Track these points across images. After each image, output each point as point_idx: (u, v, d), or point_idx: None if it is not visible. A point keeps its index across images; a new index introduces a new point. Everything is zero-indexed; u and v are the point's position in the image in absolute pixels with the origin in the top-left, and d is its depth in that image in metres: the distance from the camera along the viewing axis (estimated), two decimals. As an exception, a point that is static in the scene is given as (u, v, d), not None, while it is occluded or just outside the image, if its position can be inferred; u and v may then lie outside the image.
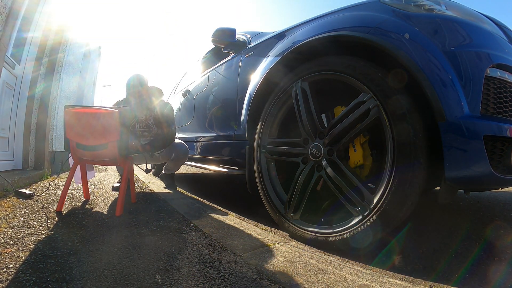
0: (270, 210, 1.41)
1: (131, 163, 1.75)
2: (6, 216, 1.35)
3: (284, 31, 1.61)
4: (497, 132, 0.86)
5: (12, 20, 2.08)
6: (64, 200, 1.55)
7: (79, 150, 1.58)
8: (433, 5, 1.06)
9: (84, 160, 1.68)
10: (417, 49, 0.95)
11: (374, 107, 1.03)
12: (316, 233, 1.15)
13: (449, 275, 0.91)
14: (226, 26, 2.08)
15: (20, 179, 2.09)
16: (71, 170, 1.63)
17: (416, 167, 0.93)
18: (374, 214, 0.98)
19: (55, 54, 3.09)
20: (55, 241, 1.07)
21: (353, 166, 1.21)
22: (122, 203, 1.54)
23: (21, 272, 0.80)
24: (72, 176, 1.63)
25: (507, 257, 1.03)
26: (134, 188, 1.92)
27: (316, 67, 1.26)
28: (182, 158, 2.45)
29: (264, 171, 1.48)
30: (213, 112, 2.22)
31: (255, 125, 1.56)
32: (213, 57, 3.03)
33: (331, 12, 1.34)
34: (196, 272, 0.84)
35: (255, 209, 1.77)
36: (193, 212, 1.61)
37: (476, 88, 0.89)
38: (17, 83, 2.60)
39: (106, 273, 0.83)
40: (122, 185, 1.58)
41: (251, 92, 1.63)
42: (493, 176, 0.85)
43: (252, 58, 1.78)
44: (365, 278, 0.80)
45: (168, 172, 2.61)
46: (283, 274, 0.84)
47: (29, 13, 2.57)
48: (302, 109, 1.28)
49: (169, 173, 2.61)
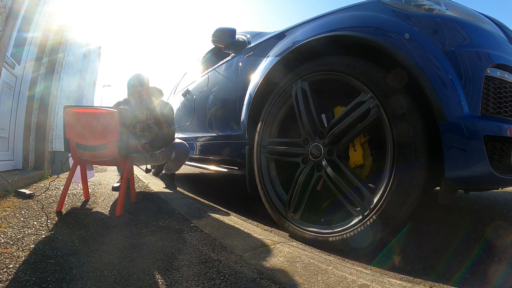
0: (270, 210, 1.41)
1: (131, 163, 1.75)
2: (6, 216, 1.35)
3: (284, 31, 1.61)
4: (497, 132, 0.86)
5: (12, 20, 2.08)
6: (64, 200, 1.55)
7: (79, 150, 1.58)
8: (433, 5, 1.06)
9: (84, 160, 1.68)
10: (417, 49, 0.95)
11: (374, 107, 1.03)
12: (316, 233, 1.15)
13: (449, 275, 0.91)
14: (226, 26, 2.08)
15: (20, 179, 2.09)
16: (71, 170, 1.63)
17: (416, 167, 0.93)
18: (374, 214, 0.98)
19: (55, 54, 3.09)
20: (55, 241, 1.07)
21: (353, 166, 1.21)
22: (122, 203, 1.54)
23: (21, 272, 0.80)
24: (72, 176, 1.63)
25: (507, 257, 1.03)
26: (134, 188, 1.92)
27: (316, 67, 1.26)
28: (183, 158, 2.45)
29: (264, 171, 1.48)
30: (213, 112, 2.22)
31: (255, 125, 1.56)
32: (213, 57, 3.03)
33: (331, 12, 1.34)
34: (196, 272, 0.84)
35: (255, 209, 1.77)
36: (193, 212, 1.60)
37: (476, 88, 0.89)
38: (17, 83, 2.60)
39: (106, 273, 0.83)
40: (122, 185, 1.58)
41: (251, 92, 1.63)
42: (493, 176, 0.85)
43: (252, 58, 1.78)
44: (365, 278, 0.80)
45: (169, 172, 2.61)
46: (283, 274, 0.84)
47: (29, 13, 2.57)
48: (302, 109, 1.28)
49: (169, 173, 2.61)
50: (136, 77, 2.19)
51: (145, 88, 2.21)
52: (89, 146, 1.55)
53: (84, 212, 1.54)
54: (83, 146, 1.56)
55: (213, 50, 3.05)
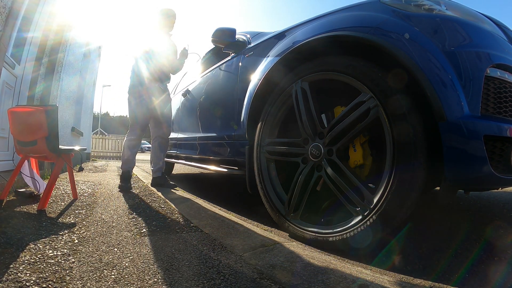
0: (270, 210, 1.41)
1: (63, 161, 1.75)
2: (6, 216, 1.35)
3: (284, 31, 1.61)
4: (497, 132, 0.86)
5: (12, 20, 2.08)
6: (48, 199, 1.61)
7: (19, 146, 1.69)
8: (433, 5, 1.06)
9: (28, 155, 1.79)
10: (417, 49, 0.95)
11: (374, 107, 1.02)
12: (316, 233, 1.15)
13: (449, 275, 0.91)
14: (226, 26, 2.08)
15: (20, 179, 2.08)
16: (18, 164, 1.76)
17: (416, 167, 0.93)
18: (374, 214, 0.98)
19: (55, 54, 3.09)
20: (55, 241, 1.07)
21: (353, 166, 1.21)
22: (47, 198, 1.58)
23: (21, 272, 0.80)
24: (19, 169, 1.76)
25: (507, 257, 1.03)
26: (74, 182, 1.95)
27: (316, 67, 1.26)
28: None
29: (264, 171, 1.48)
30: (213, 112, 2.22)
31: (255, 125, 1.56)
32: (213, 57, 3.03)
33: (331, 12, 1.34)
34: (196, 272, 0.84)
35: (255, 209, 1.77)
36: (193, 212, 1.60)
37: (476, 88, 0.89)
38: (17, 83, 2.59)
39: (106, 273, 0.83)
40: (49, 181, 1.63)
41: (251, 92, 1.63)
42: (493, 176, 0.85)
43: (252, 58, 1.78)
44: (365, 278, 0.79)
45: (157, 173, 2.60)
46: (283, 274, 0.84)
47: (29, 13, 2.57)
48: (302, 109, 1.28)
49: (158, 175, 2.59)
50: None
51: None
52: (24, 142, 1.66)
53: (84, 212, 1.54)
54: (20, 142, 1.68)
55: (213, 50, 3.05)
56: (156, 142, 2.61)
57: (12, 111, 1.69)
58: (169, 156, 3.41)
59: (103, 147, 11.43)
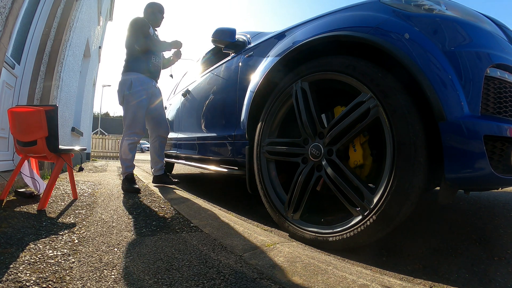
0: (270, 210, 1.41)
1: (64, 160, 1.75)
2: (6, 216, 1.35)
3: (284, 31, 1.61)
4: (497, 132, 0.86)
5: (12, 20, 2.08)
6: (48, 199, 1.61)
7: (19, 146, 1.69)
8: (433, 5, 1.06)
9: (27, 155, 1.79)
10: (417, 49, 0.95)
11: (374, 107, 1.02)
12: (316, 233, 1.15)
13: (449, 275, 0.91)
14: (226, 26, 2.08)
15: (20, 179, 2.09)
16: (18, 164, 1.76)
17: (416, 167, 0.93)
18: (374, 214, 0.98)
19: (55, 54, 3.08)
20: (55, 241, 1.07)
21: (353, 166, 1.20)
22: (47, 198, 1.59)
23: (21, 272, 0.80)
24: (19, 169, 1.76)
25: (507, 257, 1.03)
26: (74, 183, 1.94)
27: (316, 67, 1.26)
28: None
29: (264, 171, 1.48)
30: (213, 112, 2.22)
31: (255, 125, 1.56)
32: (213, 57, 3.03)
33: (331, 12, 1.34)
34: (196, 272, 0.84)
35: (255, 209, 1.77)
36: (193, 212, 1.60)
37: (476, 88, 0.89)
38: (17, 83, 2.60)
39: (106, 273, 0.83)
40: (49, 181, 1.63)
41: (251, 92, 1.63)
42: (493, 176, 0.85)
43: (252, 58, 1.78)
44: (365, 278, 0.80)
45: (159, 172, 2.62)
46: (283, 274, 0.84)
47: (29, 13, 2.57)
48: (302, 109, 1.28)
49: (161, 173, 2.62)
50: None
51: None
52: (23, 142, 1.66)
53: (84, 212, 1.54)
54: (20, 142, 1.68)
55: (213, 50, 3.05)
56: (157, 142, 2.61)
57: (12, 111, 1.69)
58: (169, 156, 3.41)
59: (103, 147, 11.44)
